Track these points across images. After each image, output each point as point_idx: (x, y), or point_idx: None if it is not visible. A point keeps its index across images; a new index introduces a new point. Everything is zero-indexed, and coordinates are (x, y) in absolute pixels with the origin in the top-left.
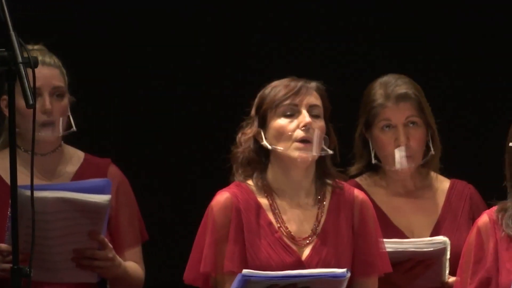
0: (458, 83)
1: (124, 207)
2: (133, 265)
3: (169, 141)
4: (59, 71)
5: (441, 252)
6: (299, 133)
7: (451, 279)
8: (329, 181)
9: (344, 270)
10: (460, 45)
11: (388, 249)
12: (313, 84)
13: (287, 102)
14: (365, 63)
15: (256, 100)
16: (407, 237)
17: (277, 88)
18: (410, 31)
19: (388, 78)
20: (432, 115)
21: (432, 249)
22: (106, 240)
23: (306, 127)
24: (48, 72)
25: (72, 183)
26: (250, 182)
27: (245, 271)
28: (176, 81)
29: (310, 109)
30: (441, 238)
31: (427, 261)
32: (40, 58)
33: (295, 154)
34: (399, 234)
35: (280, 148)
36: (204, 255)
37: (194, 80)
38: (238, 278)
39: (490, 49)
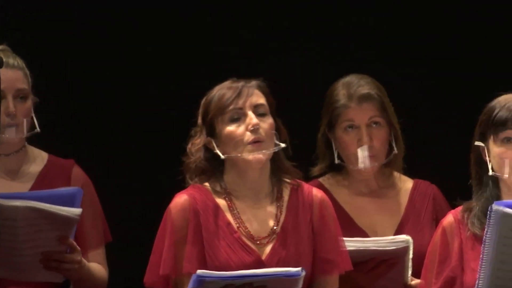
0: (425, 83)
1: (87, 209)
2: (96, 267)
3: (133, 142)
4: (22, 73)
5: (403, 251)
6: (249, 136)
7: (414, 281)
8: (286, 178)
9: (298, 269)
10: (425, 45)
11: (350, 248)
12: (254, 83)
13: (231, 107)
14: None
15: (201, 109)
16: (370, 237)
17: (219, 94)
18: (376, 30)
19: (351, 79)
20: (395, 115)
21: (394, 247)
22: (75, 243)
23: (255, 128)
24: (12, 74)
25: (44, 192)
26: (207, 184)
27: (199, 271)
28: (141, 82)
29: (255, 109)
30: (403, 237)
31: (390, 261)
32: (4, 59)
33: (250, 157)
34: (362, 234)
35: (233, 155)
36: (164, 258)
37: (159, 81)
38: (193, 278)
39: (454, 49)
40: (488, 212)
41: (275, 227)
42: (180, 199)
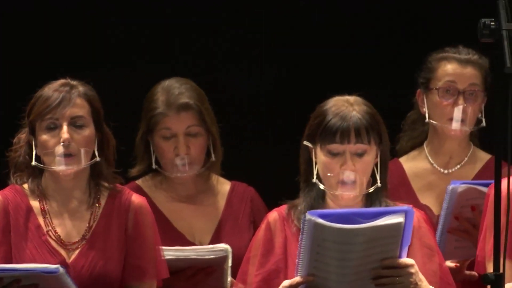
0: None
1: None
2: None
3: None
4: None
5: (222, 259)
6: (60, 149)
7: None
8: (105, 184)
9: (57, 266)
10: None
11: (169, 257)
12: (77, 91)
13: (49, 116)
14: None
15: (28, 106)
16: (189, 241)
17: (42, 98)
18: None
19: (171, 83)
20: (214, 122)
21: (214, 256)
22: None
23: (65, 144)
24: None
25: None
26: (25, 186)
27: None
28: None
29: (73, 121)
30: (222, 246)
31: (209, 268)
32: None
33: (58, 168)
34: (180, 237)
35: (45, 162)
36: None
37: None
38: None
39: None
40: (302, 220)
41: (86, 233)
42: None
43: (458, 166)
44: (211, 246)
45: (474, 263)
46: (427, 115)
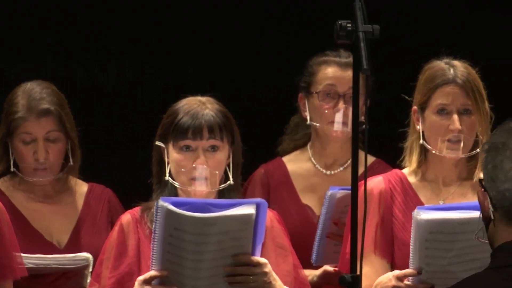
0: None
1: None
2: None
3: None
4: None
5: (83, 268)
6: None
7: None
8: None
9: None
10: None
11: (30, 265)
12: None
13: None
14: None
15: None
16: (46, 240)
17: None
18: None
19: (33, 88)
20: (73, 127)
21: (75, 266)
22: None
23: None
24: None
25: None
26: None
27: None
28: None
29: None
30: (83, 255)
31: (69, 273)
32: None
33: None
34: (39, 237)
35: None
36: None
37: None
38: None
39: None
40: (155, 207)
41: None
42: None
43: (341, 168)
44: (72, 255)
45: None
46: (308, 118)
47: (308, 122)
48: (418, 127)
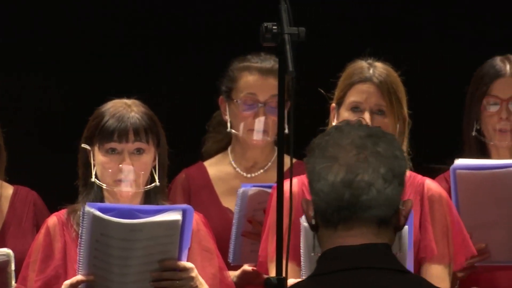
0: None
1: None
2: None
3: None
4: None
5: (5, 264)
6: None
7: None
8: None
9: None
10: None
11: None
12: None
13: None
14: None
15: None
16: None
17: None
18: None
19: None
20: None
21: None
22: None
23: None
24: None
25: None
26: None
27: None
28: None
29: None
30: (4, 251)
31: None
32: None
33: None
34: None
35: None
36: None
37: None
38: None
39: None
40: (81, 212)
41: None
42: None
43: (262, 171)
44: None
45: None
46: (228, 124)
47: (229, 129)
48: (333, 123)
